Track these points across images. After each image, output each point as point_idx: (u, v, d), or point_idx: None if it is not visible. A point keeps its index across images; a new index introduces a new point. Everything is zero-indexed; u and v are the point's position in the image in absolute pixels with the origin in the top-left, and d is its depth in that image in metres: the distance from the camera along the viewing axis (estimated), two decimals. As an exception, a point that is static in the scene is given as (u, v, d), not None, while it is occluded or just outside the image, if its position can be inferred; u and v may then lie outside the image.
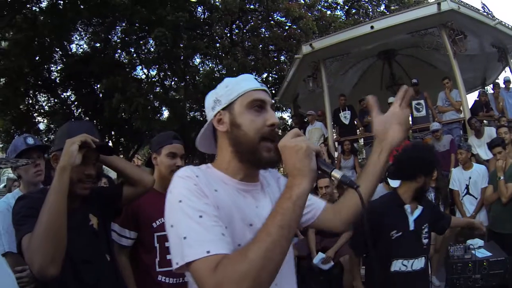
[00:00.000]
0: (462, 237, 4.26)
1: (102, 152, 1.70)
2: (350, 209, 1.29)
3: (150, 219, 2.08)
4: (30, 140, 2.26)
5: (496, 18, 7.32)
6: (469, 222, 3.32)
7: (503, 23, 7.43)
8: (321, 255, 3.87)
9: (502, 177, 4.03)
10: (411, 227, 2.31)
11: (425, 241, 2.34)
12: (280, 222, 0.84)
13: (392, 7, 15.83)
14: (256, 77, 1.16)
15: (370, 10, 15.91)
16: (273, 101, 1.13)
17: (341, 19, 16.27)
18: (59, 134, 1.71)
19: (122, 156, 18.74)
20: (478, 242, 3.46)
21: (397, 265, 2.25)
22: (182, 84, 16.04)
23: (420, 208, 2.37)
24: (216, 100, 1.14)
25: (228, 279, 0.80)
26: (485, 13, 7.31)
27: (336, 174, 0.96)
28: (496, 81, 8.99)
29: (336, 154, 7.63)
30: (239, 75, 1.18)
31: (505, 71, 8.71)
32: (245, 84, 1.11)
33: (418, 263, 2.28)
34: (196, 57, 15.93)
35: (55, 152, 1.61)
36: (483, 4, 7.53)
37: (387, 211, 2.31)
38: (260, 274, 0.80)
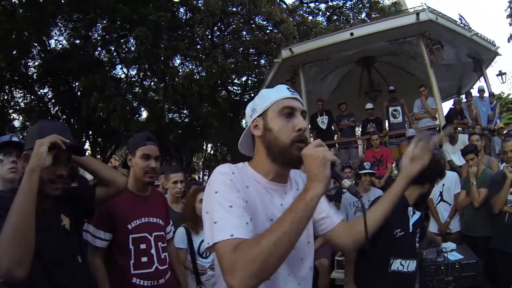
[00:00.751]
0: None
1: (74, 152, 1.66)
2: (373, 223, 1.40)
3: (125, 221, 2.06)
4: (15, 138, 2.29)
5: (473, 30, 7.60)
6: (433, 237, 3.47)
7: (479, 34, 7.72)
8: None
9: (474, 183, 4.17)
10: (410, 229, 2.37)
11: (417, 245, 2.41)
12: (293, 218, 0.98)
13: (373, 15, 16.18)
14: (289, 87, 1.29)
15: (351, 17, 16.21)
16: (305, 109, 1.26)
17: (322, 25, 16.50)
18: (30, 133, 1.69)
19: (99, 156, 18.34)
20: (451, 245, 3.56)
21: (396, 265, 2.29)
22: (162, 85, 15.87)
23: (418, 213, 2.44)
24: (253, 108, 1.31)
25: (241, 260, 0.95)
26: (462, 25, 7.57)
27: (345, 183, 1.09)
28: (470, 90, 9.31)
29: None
30: (275, 86, 1.33)
31: (480, 81, 9.04)
32: (277, 93, 1.27)
33: (412, 265, 2.34)
34: (176, 58, 15.80)
35: (26, 152, 1.59)
36: (460, 15, 7.82)
37: (393, 211, 2.35)
38: (268, 259, 0.94)
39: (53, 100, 16.39)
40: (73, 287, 1.56)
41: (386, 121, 7.87)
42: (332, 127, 8.26)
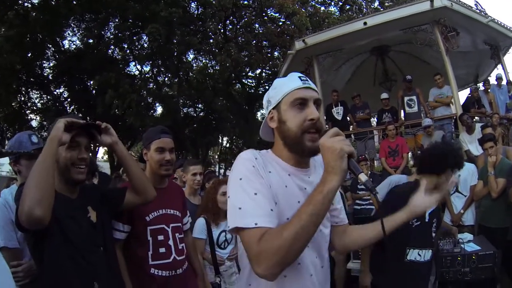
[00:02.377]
0: (449, 234, 4.32)
1: (92, 136, 1.78)
2: (362, 241, 1.47)
3: (143, 213, 2.10)
4: (34, 139, 2.23)
5: (489, 16, 7.37)
6: (448, 227, 3.43)
7: (496, 20, 7.49)
8: None
9: (492, 172, 4.09)
10: (427, 218, 2.36)
11: (433, 234, 2.40)
12: (311, 211, 1.02)
13: (386, 4, 15.86)
14: (302, 76, 1.29)
15: (364, 6, 15.93)
16: (318, 97, 1.27)
17: (334, 15, 16.28)
18: (51, 128, 1.74)
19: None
20: (468, 236, 3.52)
21: (413, 255, 2.30)
22: (176, 80, 15.98)
23: None
24: (268, 101, 1.34)
25: (266, 250, 1.02)
26: (478, 11, 7.35)
27: (362, 177, 1.07)
28: (488, 78, 9.07)
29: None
30: (287, 75, 1.34)
31: (497, 68, 8.79)
32: (289, 84, 1.28)
33: (428, 254, 2.34)
34: (189, 53, 15.86)
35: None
36: (475, 1, 7.59)
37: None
38: (290, 250, 1.01)
39: (69, 99, 16.72)
40: (95, 273, 1.64)
41: (402, 111, 7.75)
42: (348, 118, 8.21)
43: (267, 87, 14.69)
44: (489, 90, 7.85)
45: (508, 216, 3.83)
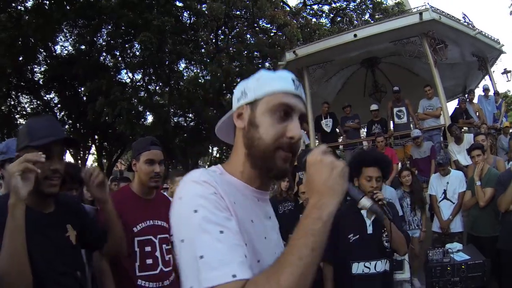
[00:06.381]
0: (439, 243, 4.34)
1: (68, 146, 1.67)
2: None
3: (130, 224, 2.08)
4: None
5: (476, 28, 7.57)
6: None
7: (483, 33, 7.69)
8: None
9: (479, 182, 4.14)
10: (369, 230, 2.35)
11: (387, 244, 2.34)
12: (313, 244, 0.77)
13: (377, 16, 16.15)
14: (295, 79, 0.99)
15: (355, 18, 16.20)
16: (305, 112, 0.98)
17: (325, 27, 16.51)
18: (20, 134, 1.58)
19: (105, 160, 18.46)
20: (457, 246, 3.55)
21: (360, 268, 2.28)
22: (167, 89, 15.96)
23: None
24: (243, 92, 1.00)
25: None
26: (466, 23, 7.54)
27: (365, 203, 0.96)
28: (474, 89, 9.26)
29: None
30: (277, 71, 1.04)
31: (485, 80, 8.99)
32: (277, 83, 0.96)
33: (381, 265, 2.31)
34: (181, 62, 15.89)
35: (17, 153, 1.52)
36: (463, 14, 7.79)
37: (344, 215, 2.33)
38: None
39: (59, 105, 16.57)
40: None
41: (391, 122, 7.85)
42: (337, 130, 8.26)
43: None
44: (473, 101, 8.02)
45: (497, 224, 3.86)
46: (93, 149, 18.65)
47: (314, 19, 17.14)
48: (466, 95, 8.15)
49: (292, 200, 4.43)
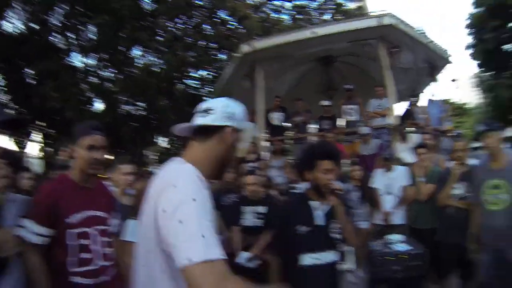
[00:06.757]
0: (381, 234, 4.55)
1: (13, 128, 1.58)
2: None
3: (65, 214, 1.92)
4: None
5: (429, 38, 7.99)
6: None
7: (434, 43, 8.14)
8: (245, 253, 3.71)
9: (422, 179, 4.42)
10: (319, 222, 2.35)
11: (336, 235, 2.38)
12: None
13: (338, 17, 16.46)
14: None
15: (318, 16, 16.44)
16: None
17: (285, 23, 16.56)
18: None
19: (51, 148, 17.32)
20: (398, 237, 3.72)
21: (308, 260, 2.28)
22: (121, 76, 15.28)
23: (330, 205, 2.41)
24: (233, 114, 1.27)
25: None
26: (420, 32, 7.90)
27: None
28: (420, 93, 9.79)
29: (264, 154, 7.58)
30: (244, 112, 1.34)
31: (432, 85, 9.56)
32: (249, 128, 1.36)
33: (330, 256, 2.34)
34: (136, 49, 15.29)
35: None
36: (418, 24, 8.19)
37: (293, 207, 2.38)
38: None
39: (5, 88, 15.24)
40: None
41: (342, 118, 8.07)
42: (286, 123, 8.36)
43: (211, 90, 14.59)
44: (417, 104, 8.48)
45: (435, 218, 4.12)
46: (40, 137, 17.40)
47: (275, 14, 17.13)
48: (415, 98, 8.58)
49: (236, 191, 4.38)
